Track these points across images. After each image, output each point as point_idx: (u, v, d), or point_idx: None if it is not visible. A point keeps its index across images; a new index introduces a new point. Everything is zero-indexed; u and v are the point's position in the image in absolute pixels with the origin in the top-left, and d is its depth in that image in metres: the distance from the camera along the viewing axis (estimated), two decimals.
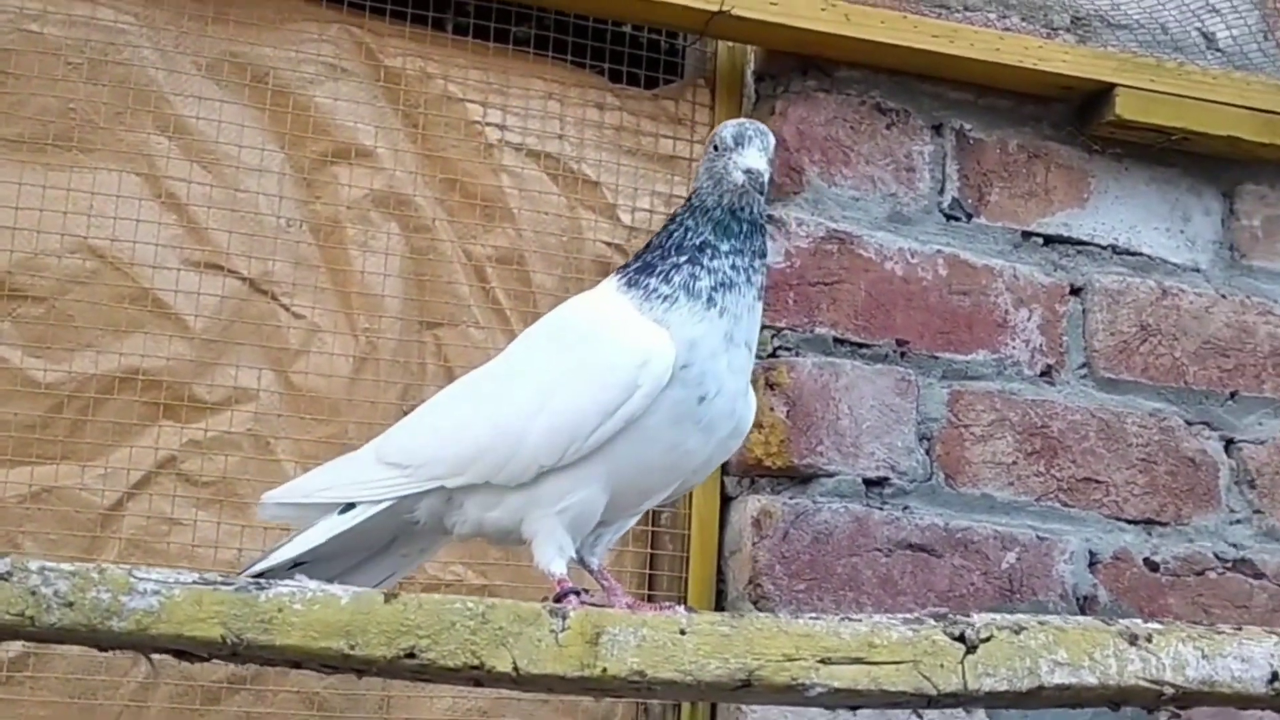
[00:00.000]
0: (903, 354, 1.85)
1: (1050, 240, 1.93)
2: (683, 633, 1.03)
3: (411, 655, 0.99)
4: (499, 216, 1.83)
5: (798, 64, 1.88)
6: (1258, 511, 1.94)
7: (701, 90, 1.91)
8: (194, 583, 0.99)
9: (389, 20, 1.81)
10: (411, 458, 1.29)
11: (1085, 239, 1.94)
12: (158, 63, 1.74)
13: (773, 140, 1.28)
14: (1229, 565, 1.92)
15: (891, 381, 1.83)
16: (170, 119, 1.74)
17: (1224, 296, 1.97)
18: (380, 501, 1.28)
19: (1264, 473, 1.94)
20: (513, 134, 1.84)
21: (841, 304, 1.83)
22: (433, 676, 1.01)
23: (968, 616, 1.12)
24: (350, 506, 1.30)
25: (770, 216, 1.84)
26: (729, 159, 1.25)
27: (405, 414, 1.78)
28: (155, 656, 1.04)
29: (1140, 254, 1.96)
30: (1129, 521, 1.89)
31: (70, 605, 0.96)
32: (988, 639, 1.07)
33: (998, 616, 1.11)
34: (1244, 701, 1.08)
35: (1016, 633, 1.08)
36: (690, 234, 1.25)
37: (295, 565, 1.29)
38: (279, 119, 1.77)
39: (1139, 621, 1.12)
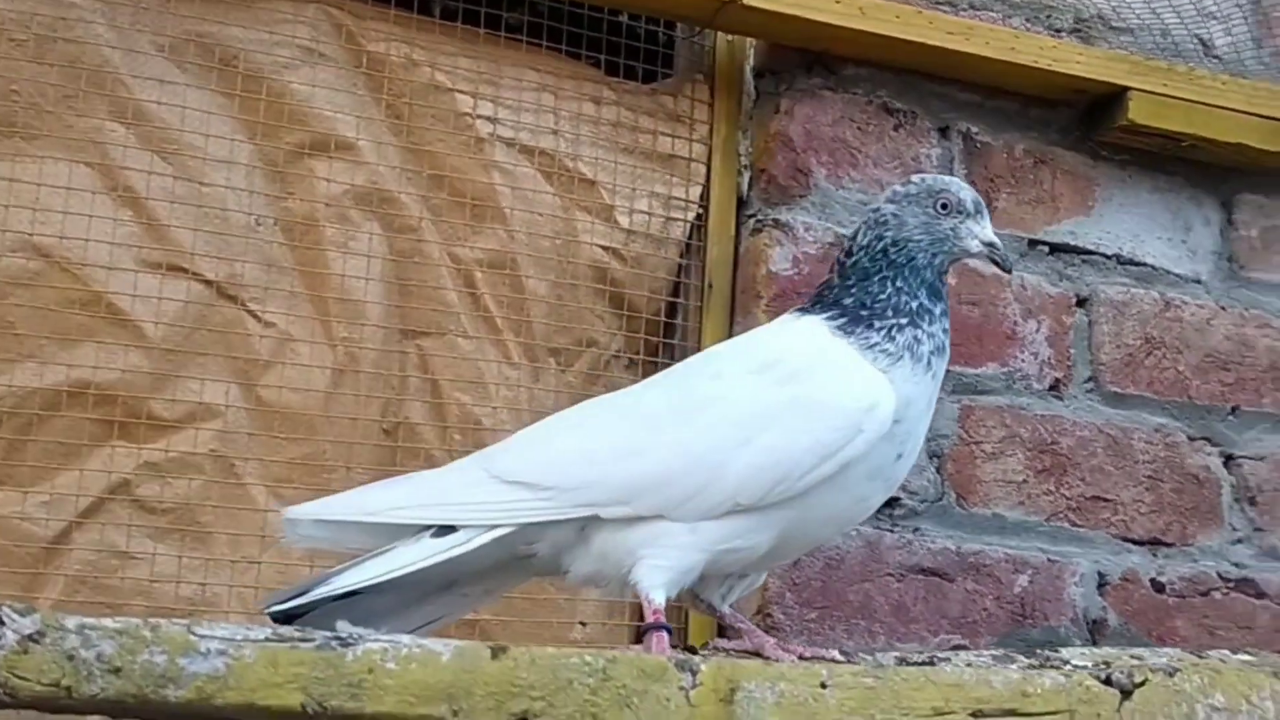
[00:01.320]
0: None
1: (1056, 249, 1.86)
2: (824, 686, 0.92)
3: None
4: (489, 217, 1.69)
5: (801, 60, 1.77)
6: (1259, 529, 1.90)
7: (700, 86, 1.79)
8: (268, 640, 0.84)
9: (371, 2, 1.66)
10: (552, 479, 1.14)
11: (1091, 248, 1.88)
12: (114, 41, 1.56)
13: None
14: (1232, 585, 1.87)
15: None
16: (127, 104, 1.56)
17: (1224, 308, 1.93)
18: (498, 526, 1.11)
19: (1264, 489, 1.91)
20: (504, 128, 1.70)
21: None
22: None
23: (1121, 659, 1.03)
24: (448, 530, 1.12)
25: (776, 220, 1.73)
26: (963, 224, 1.23)
27: (386, 431, 1.65)
28: None
29: (1144, 264, 1.90)
30: (1135, 542, 1.83)
31: (117, 671, 0.80)
32: (1142, 683, 0.98)
33: (1146, 655, 1.02)
34: None
35: (1170, 675, 0.99)
36: (905, 296, 1.20)
37: (338, 598, 1.11)
38: (250, 107, 1.60)
39: None
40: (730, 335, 1.74)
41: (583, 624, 1.67)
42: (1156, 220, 1.92)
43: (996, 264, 1.26)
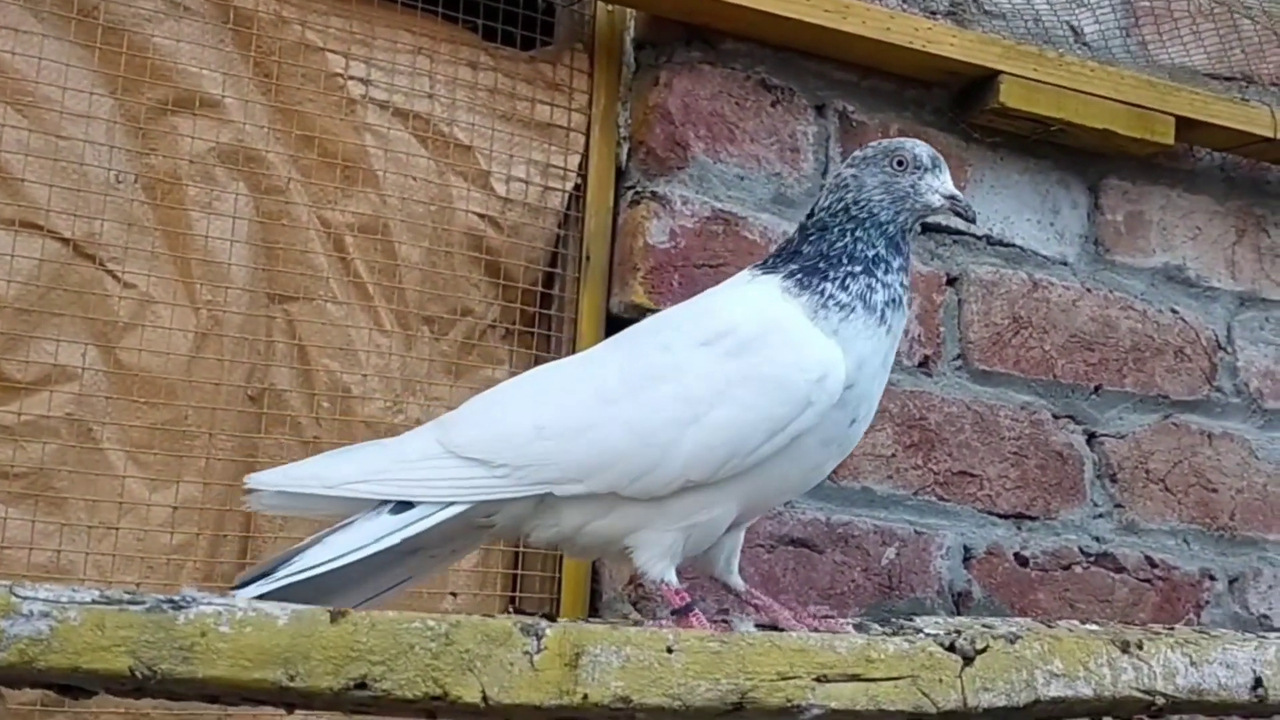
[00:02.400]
0: None
1: (928, 228, 1.89)
2: (670, 650, 0.91)
3: (363, 685, 0.84)
4: (361, 180, 1.65)
5: (682, 33, 1.77)
6: (1118, 505, 1.95)
7: (580, 55, 1.78)
8: (94, 601, 0.81)
9: None
10: (506, 455, 1.13)
11: (961, 228, 1.90)
12: None
13: None
14: (1093, 559, 1.92)
15: None
16: None
17: (1089, 290, 1.97)
18: (453, 504, 1.11)
19: (1124, 467, 1.96)
20: (378, 90, 1.66)
21: None
22: (385, 710, 0.86)
23: (972, 628, 1.04)
24: (405, 506, 1.11)
25: (654, 193, 1.73)
26: (921, 180, 1.23)
27: (251, 398, 1.61)
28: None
29: (1013, 245, 1.94)
30: (1001, 516, 1.87)
31: None
32: (984, 650, 0.99)
33: (997, 624, 1.04)
34: (1229, 709, 1.04)
35: (1011, 642, 1.00)
36: (863, 245, 1.19)
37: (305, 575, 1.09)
38: (110, 60, 1.55)
39: (1132, 629, 1.06)
40: (607, 307, 1.74)
41: (454, 595, 1.65)
42: (1026, 202, 1.95)
43: (959, 215, 1.25)
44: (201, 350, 1.56)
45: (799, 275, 1.19)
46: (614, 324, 1.74)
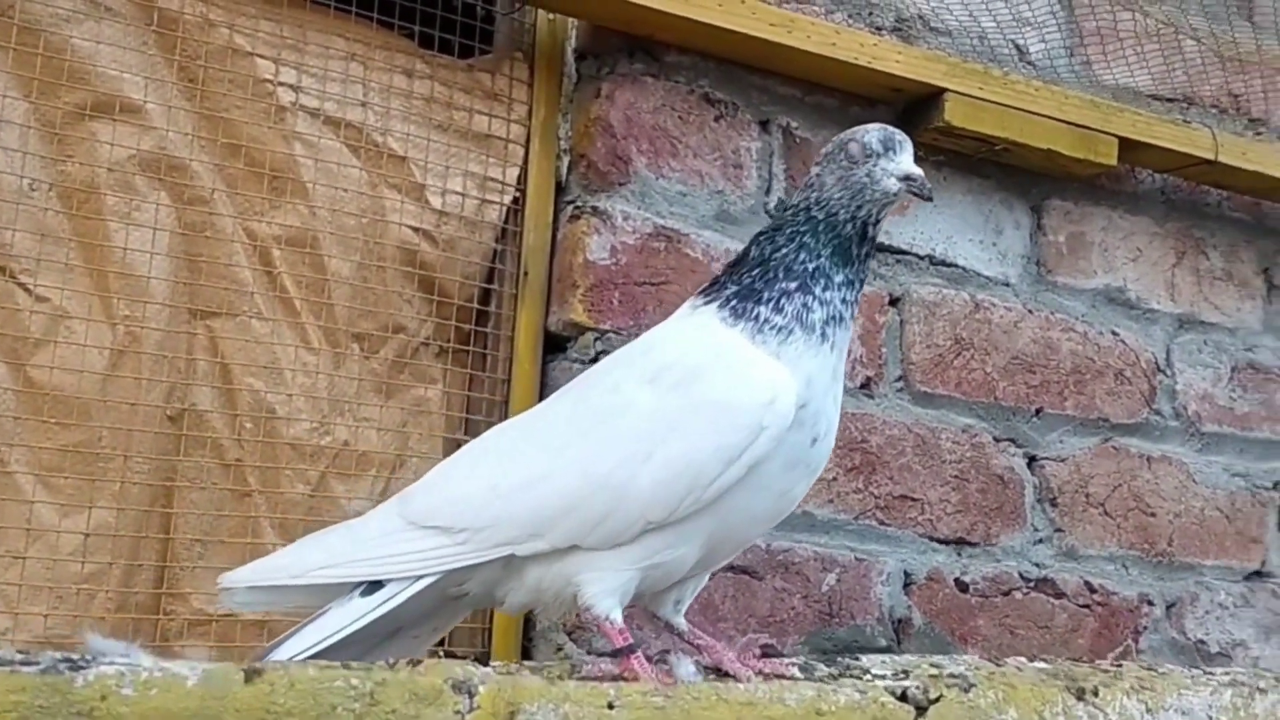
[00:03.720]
0: None
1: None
2: (611, 707, 0.86)
3: None
4: (289, 191, 1.58)
5: (624, 44, 1.72)
6: (1058, 530, 1.93)
7: (519, 65, 1.72)
8: None
9: None
10: (465, 519, 1.09)
11: (904, 248, 1.88)
12: None
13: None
14: (1032, 585, 1.90)
15: None
16: None
17: (1030, 312, 1.95)
18: (421, 578, 1.07)
19: (1065, 491, 1.94)
20: (309, 97, 1.60)
21: (668, 306, 1.69)
22: None
23: (920, 668, 1.00)
24: (376, 586, 1.08)
25: (595, 208, 1.68)
26: (876, 166, 1.16)
27: (170, 418, 1.54)
28: None
29: (955, 265, 1.91)
30: (941, 541, 1.84)
31: None
32: (937, 699, 0.95)
33: (946, 664, 1.00)
34: None
35: (965, 690, 0.96)
36: (804, 255, 1.15)
37: None
38: (25, 62, 1.47)
39: (1081, 667, 1.03)
40: (545, 325, 1.68)
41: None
42: (969, 222, 1.93)
43: (915, 194, 1.18)
44: (118, 368, 1.49)
45: (734, 303, 1.16)
46: (552, 343, 1.69)
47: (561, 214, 1.71)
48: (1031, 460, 1.93)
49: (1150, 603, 1.98)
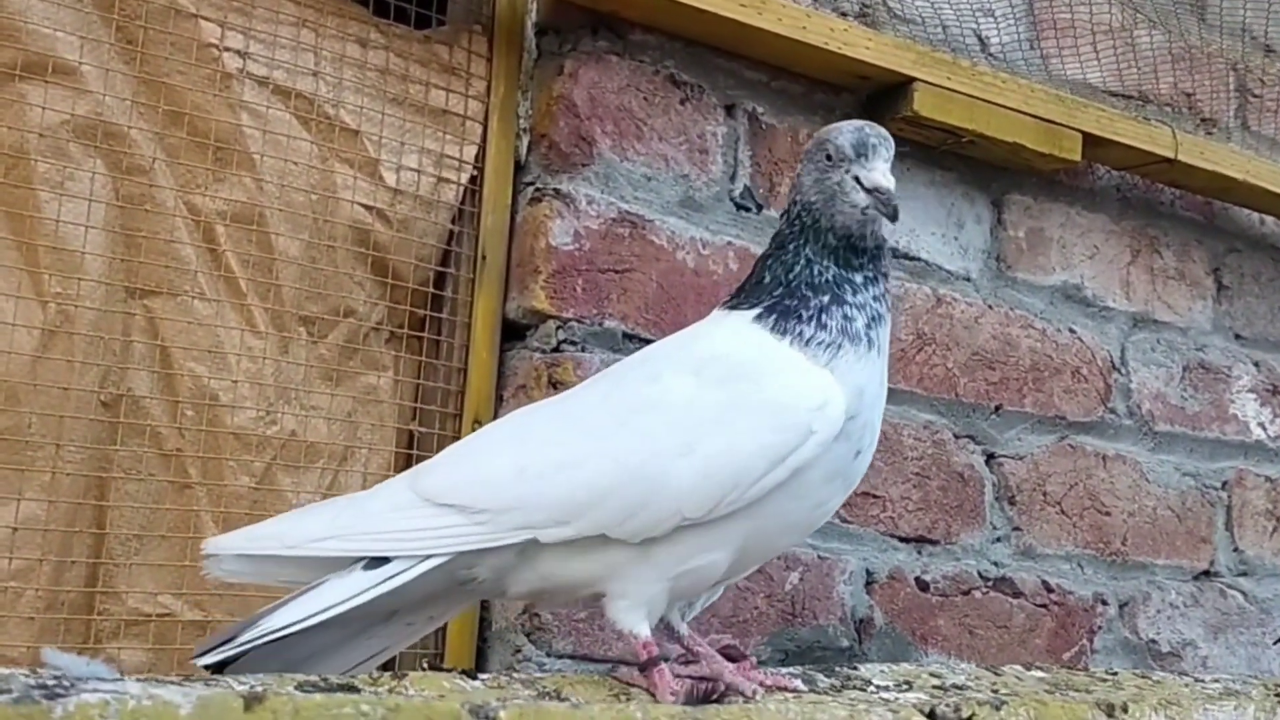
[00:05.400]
0: None
1: None
2: None
3: None
4: (235, 163, 1.48)
5: (587, 20, 1.65)
6: (1016, 529, 1.90)
7: (478, 38, 1.64)
8: None
9: None
10: (485, 500, 1.02)
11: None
12: None
13: (893, 148, 1.13)
14: (991, 584, 1.87)
15: None
16: None
17: (991, 307, 1.92)
18: (430, 557, 1.01)
19: (1023, 489, 1.91)
20: (257, 64, 1.50)
21: (632, 295, 1.63)
22: None
23: (917, 677, 0.95)
24: (380, 562, 1.01)
25: (557, 190, 1.60)
26: (847, 173, 1.11)
27: (105, 404, 1.43)
28: None
29: (918, 259, 1.87)
30: (902, 539, 1.80)
31: None
32: (969, 718, 0.90)
33: (946, 674, 0.94)
34: None
35: (997, 709, 0.91)
36: (817, 267, 1.11)
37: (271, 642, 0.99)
38: None
39: (1109, 676, 0.98)
40: (503, 311, 1.61)
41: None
42: (931, 215, 1.89)
43: (879, 211, 1.11)
44: (48, 349, 1.38)
45: (774, 317, 1.11)
46: (510, 330, 1.61)
47: (521, 195, 1.63)
48: (990, 457, 1.90)
49: (1105, 602, 1.96)
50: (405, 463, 1.57)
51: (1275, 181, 2.08)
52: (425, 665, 1.11)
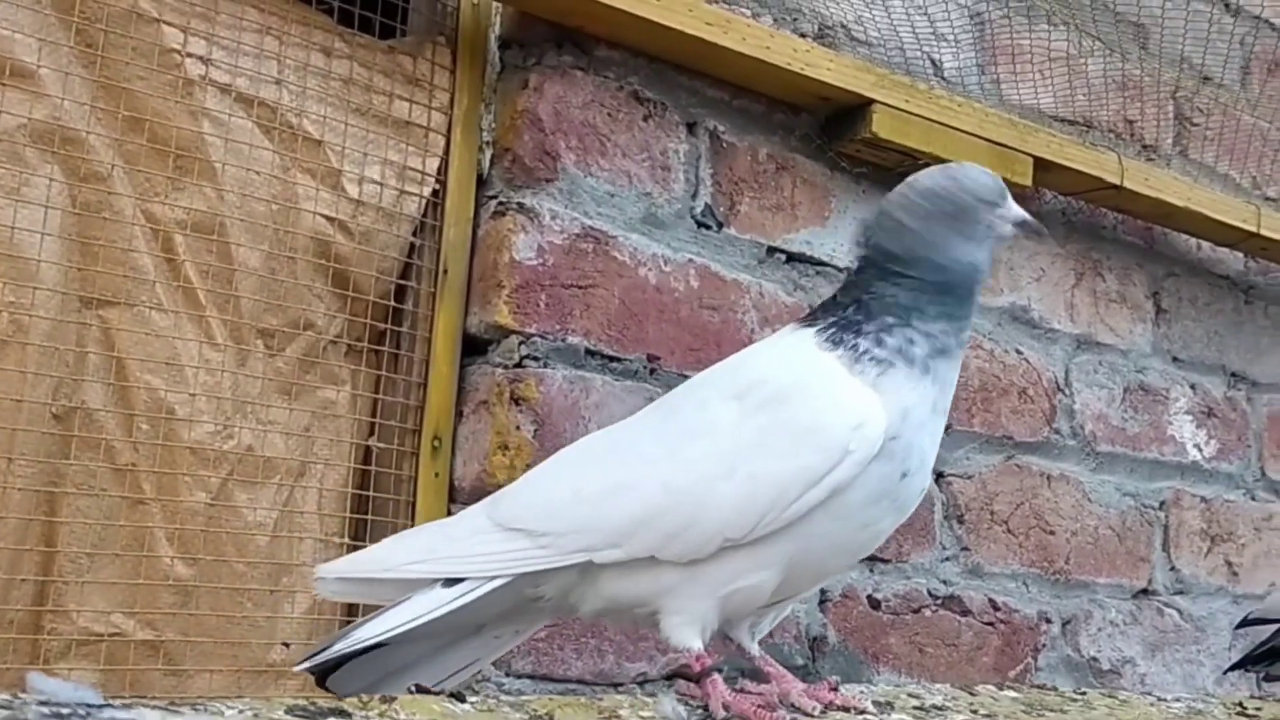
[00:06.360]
0: (652, 370, 1.66)
1: (793, 258, 1.82)
2: None
3: None
4: (195, 172, 1.45)
5: (552, 34, 1.64)
6: (965, 548, 1.92)
7: (441, 49, 1.62)
8: None
9: None
10: (546, 524, 1.10)
11: (824, 259, 1.84)
12: None
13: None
14: (940, 603, 1.89)
15: (641, 401, 1.63)
16: None
17: None
18: (496, 578, 1.10)
19: (971, 508, 1.93)
20: (219, 71, 1.47)
21: (595, 311, 1.62)
22: None
23: (896, 697, 0.95)
24: (456, 580, 1.11)
25: (520, 204, 1.59)
26: (994, 214, 1.18)
27: (57, 417, 1.39)
28: None
29: None
30: None
31: None
32: None
33: (923, 694, 0.95)
34: None
35: None
36: (900, 296, 1.12)
37: (363, 651, 1.11)
38: None
39: (1079, 696, 0.99)
40: (464, 326, 1.59)
41: (286, 645, 1.46)
42: None
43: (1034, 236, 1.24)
44: (0, 360, 1.34)
45: (833, 330, 1.14)
46: (471, 344, 1.60)
47: (483, 209, 1.62)
48: (939, 476, 1.92)
49: (1049, 620, 1.99)
50: (361, 479, 1.55)
51: (1214, 208, 2.13)
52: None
